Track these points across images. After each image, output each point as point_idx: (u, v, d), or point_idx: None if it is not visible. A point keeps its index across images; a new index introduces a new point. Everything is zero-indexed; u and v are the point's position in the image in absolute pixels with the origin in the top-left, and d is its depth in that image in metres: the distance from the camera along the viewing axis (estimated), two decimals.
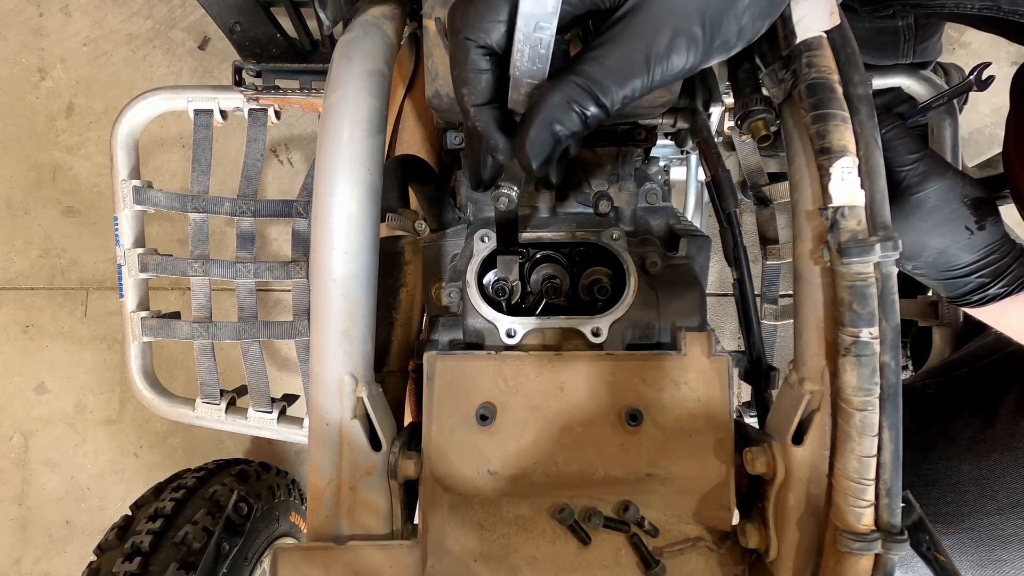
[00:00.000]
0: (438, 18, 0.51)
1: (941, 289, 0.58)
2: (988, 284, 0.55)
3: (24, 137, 1.39)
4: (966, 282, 0.55)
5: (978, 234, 0.53)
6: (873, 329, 0.37)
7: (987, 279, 0.54)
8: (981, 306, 0.56)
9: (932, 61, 0.94)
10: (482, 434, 0.44)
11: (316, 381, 0.43)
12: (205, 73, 1.39)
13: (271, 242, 1.39)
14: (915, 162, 0.51)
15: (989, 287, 0.55)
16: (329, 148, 0.43)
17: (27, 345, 1.39)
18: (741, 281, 0.58)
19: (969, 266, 0.54)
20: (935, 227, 0.53)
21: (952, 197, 0.52)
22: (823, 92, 0.38)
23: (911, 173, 0.51)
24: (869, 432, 0.37)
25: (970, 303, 0.57)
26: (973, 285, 0.55)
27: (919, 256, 0.55)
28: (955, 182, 0.52)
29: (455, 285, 0.52)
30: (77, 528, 1.38)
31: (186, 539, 0.82)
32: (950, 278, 0.55)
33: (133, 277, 0.88)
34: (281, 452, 1.37)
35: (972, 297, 0.56)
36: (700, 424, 0.44)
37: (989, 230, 0.53)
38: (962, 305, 0.58)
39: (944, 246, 0.53)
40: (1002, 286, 0.54)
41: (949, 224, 0.53)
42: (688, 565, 0.44)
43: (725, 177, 0.59)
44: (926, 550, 0.40)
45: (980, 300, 0.56)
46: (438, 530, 0.44)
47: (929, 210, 0.52)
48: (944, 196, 0.52)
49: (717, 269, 1.34)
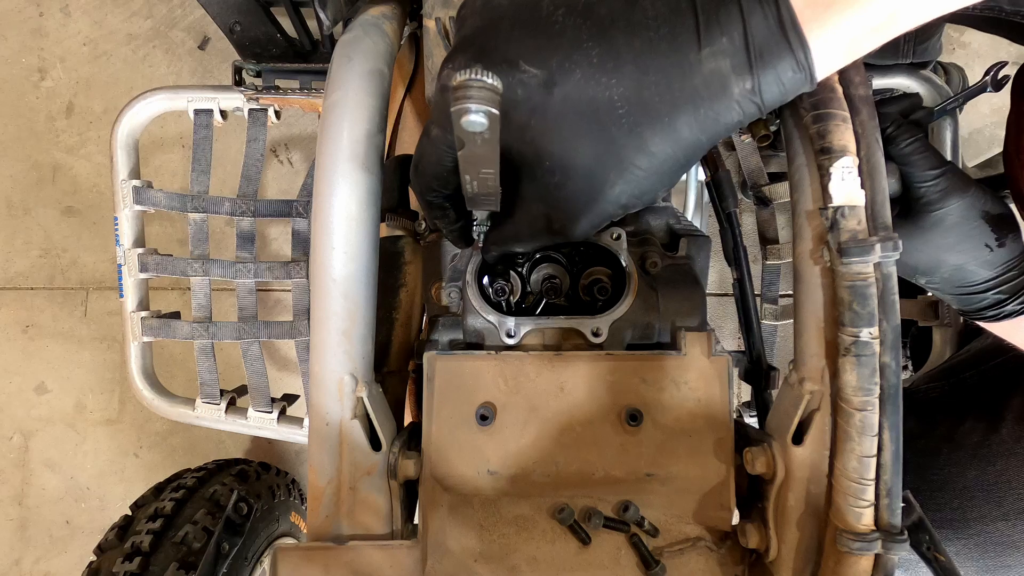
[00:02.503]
0: (438, 18, 0.51)
1: (955, 303, 0.56)
2: (1005, 301, 0.53)
3: (24, 137, 1.39)
4: (982, 298, 0.54)
5: (998, 251, 0.51)
6: (873, 329, 0.37)
7: (1005, 296, 0.53)
8: (996, 321, 0.55)
9: (932, 61, 0.94)
10: (482, 434, 0.44)
11: (316, 381, 0.43)
12: (205, 73, 1.39)
13: (271, 242, 1.39)
14: (936, 178, 0.49)
15: (1006, 303, 0.53)
16: (329, 148, 0.43)
17: (27, 345, 1.39)
18: (741, 281, 0.58)
19: (987, 283, 0.53)
20: (954, 244, 0.51)
21: (973, 215, 0.50)
22: (823, 92, 0.38)
23: (932, 189, 0.50)
24: (869, 432, 0.37)
25: (984, 318, 0.56)
26: (990, 301, 0.54)
27: (935, 272, 0.53)
28: (976, 199, 0.50)
29: (455, 285, 0.52)
30: (77, 528, 1.38)
31: (186, 539, 0.82)
32: (966, 294, 0.54)
33: (133, 277, 0.88)
34: (281, 452, 1.37)
35: (987, 313, 0.55)
36: (700, 424, 0.44)
37: (1009, 246, 0.52)
38: (976, 319, 0.57)
39: (962, 262, 0.52)
40: (1020, 303, 0.53)
41: (969, 241, 0.51)
42: (688, 565, 0.44)
43: (725, 177, 0.59)
44: (926, 550, 0.40)
45: (996, 316, 0.55)
46: (438, 530, 0.44)
47: (949, 227, 0.50)
48: (965, 214, 0.50)
49: (717, 269, 1.34)
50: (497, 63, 0.33)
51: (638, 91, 0.32)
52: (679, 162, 0.35)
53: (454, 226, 0.43)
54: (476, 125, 0.29)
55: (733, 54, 0.31)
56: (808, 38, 0.31)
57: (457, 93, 0.29)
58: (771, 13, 0.30)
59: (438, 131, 0.36)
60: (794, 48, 0.31)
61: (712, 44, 0.31)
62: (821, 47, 0.31)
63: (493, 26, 0.34)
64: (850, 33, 0.31)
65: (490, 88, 0.29)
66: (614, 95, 0.32)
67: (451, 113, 0.29)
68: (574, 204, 0.36)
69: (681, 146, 0.34)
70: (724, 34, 0.31)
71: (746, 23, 0.31)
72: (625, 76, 0.32)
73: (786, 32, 0.31)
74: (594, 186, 0.35)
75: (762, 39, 0.31)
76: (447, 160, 0.37)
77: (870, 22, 0.31)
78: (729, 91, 0.32)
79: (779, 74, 0.31)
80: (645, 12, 0.32)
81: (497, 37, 0.34)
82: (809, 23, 0.30)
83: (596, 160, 0.34)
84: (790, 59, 0.31)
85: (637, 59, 0.32)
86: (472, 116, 0.29)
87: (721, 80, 0.32)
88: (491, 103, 0.29)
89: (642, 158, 0.34)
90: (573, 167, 0.34)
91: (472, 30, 0.35)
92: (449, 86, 0.34)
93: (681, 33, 0.32)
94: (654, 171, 0.34)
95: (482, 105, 0.29)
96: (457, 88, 0.29)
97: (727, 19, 0.31)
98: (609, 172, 0.34)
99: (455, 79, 0.29)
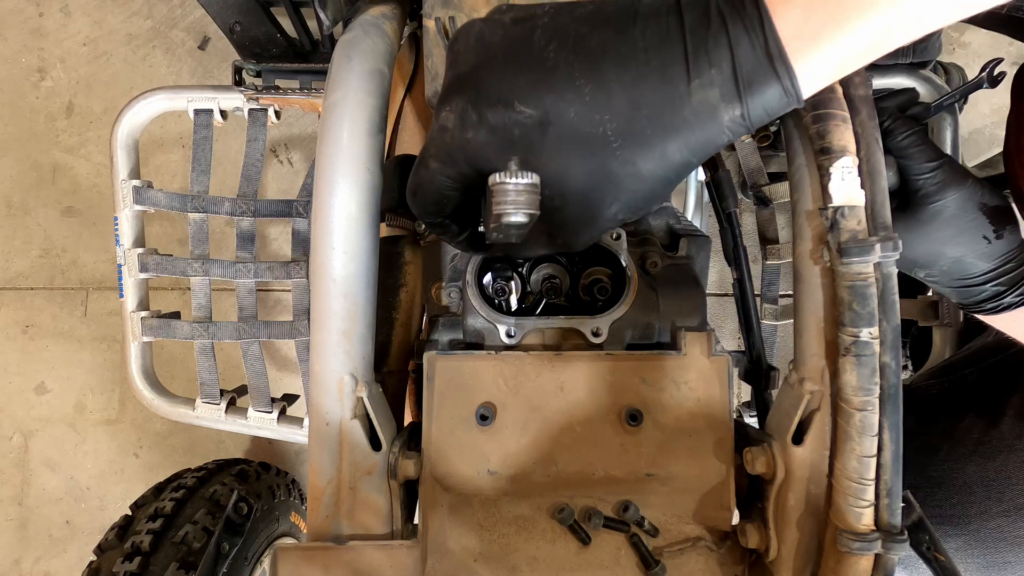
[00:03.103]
0: (438, 18, 0.51)
1: (954, 296, 0.57)
2: (1004, 293, 0.53)
3: (24, 137, 1.39)
4: (981, 290, 0.54)
5: (996, 243, 0.52)
6: (873, 329, 0.37)
7: (1003, 287, 0.53)
8: (995, 313, 0.55)
9: (932, 60, 0.94)
10: (482, 434, 0.44)
11: (316, 381, 0.43)
12: (205, 73, 1.39)
13: (271, 242, 1.39)
14: (933, 170, 0.50)
15: (1005, 295, 0.53)
16: (329, 148, 0.43)
17: (27, 345, 1.39)
18: (741, 281, 0.58)
19: (985, 275, 0.53)
20: (952, 237, 0.51)
21: (971, 207, 0.51)
22: (823, 92, 0.38)
23: (929, 182, 0.50)
24: (869, 432, 0.37)
25: (983, 311, 0.56)
26: (988, 293, 0.54)
27: (934, 265, 0.53)
28: (974, 191, 0.51)
29: (455, 285, 0.52)
30: (77, 528, 1.38)
31: (186, 539, 0.82)
32: (965, 286, 0.54)
33: (133, 277, 0.88)
34: (281, 452, 1.37)
35: (986, 305, 0.55)
36: (700, 424, 0.44)
37: (1007, 238, 0.52)
38: (975, 312, 0.57)
39: (960, 255, 0.52)
40: (1018, 295, 0.53)
41: (967, 234, 0.51)
42: (688, 565, 0.44)
43: (725, 177, 0.59)
44: (926, 550, 0.40)
45: (994, 308, 0.55)
46: (438, 530, 0.44)
47: (947, 220, 0.51)
48: (963, 206, 0.50)
49: (717, 269, 1.34)
50: (493, 104, 0.34)
51: (630, 124, 0.33)
52: (671, 180, 0.36)
53: (459, 239, 0.43)
54: (516, 224, 0.30)
55: (722, 84, 0.32)
56: (795, 66, 0.31)
57: (496, 196, 0.30)
58: (758, 43, 0.31)
59: (437, 165, 0.37)
60: (781, 77, 0.31)
61: (701, 76, 0.32)
62: (808, 72, 0.32)
63: (487, 64, 0.35)
64: (837, 57, 0.31)
65: (529, 190, 0.29)
66: (607, 130, 0.33)
67: (490, 211, 0.30)
68: (573, 224, 0.37)
69: (672, 168, 0.35)
70: (713, 66, 0.31)
71: (734, 54, 0.31)
72: (617, 111, 0.33)
73: (773, 62, 0.31)
74: (590, 207, 0.36)
75: (750, 69, 0.31)
76: (446, 189, 0.38)
77: (856, 48, 0.31)
78: (718, 119, 0.32)
79: (766, 100, 0.32)
80: (635, 43, 0.33)
81: (491, 75, 0.34)
82: (796, 52, 0.31)
83: (591, 186, 0.35)
84: (777, 87, 0.32)
85: (628, 93, 0.33)
86: (513, 218, 0.29)
87: (710, 109, 0.32)
88: (531, 205, 0.29)
89: (635, 182, 0.35)
90: (570, 194, 0.35)
91: (467, 68, 0.36)
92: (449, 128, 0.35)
93: (671, 65, 0.32)
94: (647, 190, 0.36)
95: (522, 208, 0.29)
96: (495, 191, 0.29)
97: (715, 50, 0.31)
98: (605, 195, 0.35)
99: (492, 180, 0.29)
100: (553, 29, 0.34)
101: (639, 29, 0.33)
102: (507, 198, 0.29)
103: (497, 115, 0.33)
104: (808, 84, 0.32)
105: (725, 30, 0.31)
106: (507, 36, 0.35)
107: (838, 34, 0.30)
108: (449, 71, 0.37)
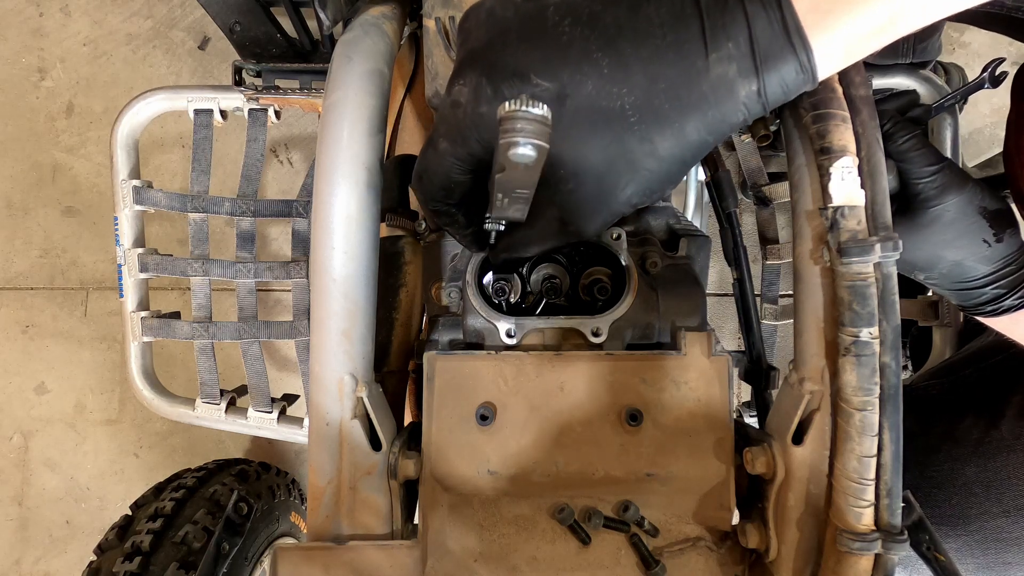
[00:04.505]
0: (438, 18, 0.51)
1: (954, 299, 0.57)
2: (1004, 295, 0.53)
3: (24, 137, 1.39)
4: (981, 293, 0.54)
5: (996, 246, 0.52)
6: (873, 329, 0.37)
7: (1003, 290, 0.53)
8: (995, 316, 0.55)
9: (932, 60, 0.94)
10: (482, 434, 0.44)
11: (316, 381, 0.43)
12: (205, 73, 1.39)
13: (271, 242, 1.39)
14: (933, 174, 0.50)
15: (1005, 298, 0.54)
16: (329, 148, 0.43)
17: (27, 345, 1.39)
18: (741, 281, 0.58)
19: (985, 277, 0.53)
20: (952, 240, 0.51)
21: (971, 210, 0.51)
22: (823, 92, 0.38)
23: (929, 186, 0.50)
24: (869, 432, 0.37)
25: (983, 313, 0.56)
26: (988, 296, 0.54)
27: (933, 268, 0.53)
28: (974, 194, 0.51)
29: (455, 285, 0.52)
30: (77, 528, 1.38)
31: (186, 539, 0.82)
32: (965, 289, 0.54)
33: (133, 277, 0.88)
34: (281, 452, 1.37)
35: (986, 308, 0.55)
36: (700, 424, 0.44)
37: (1007, 241, 0.52)
38: (975, 314, 0.57)
39: (960, 258, 0.52)
40: (1018, 297, 0.53)
41: (967, 237, 0.51)
42: (688, 565, 0.44)
43: (725, 177, 0.59)
44: (926, 550, 0.40)
45: (994, 311, 0.55)
46: (438, 530, 0.44)
47: (947, 223, 0.51)
48: (963, 209, 0.50)
49: (717, 269, 1.34)
50: (508, 77, 0.33)
51: (648, 99, 0.33)
52: (686, 161, 0.35)
53: (466, 231, 0.42)
54: (525, 157, 0.29)
55: (739, 59, 0.32)
56: (811, 41, 0.31)
57: (505, 125, 0.28)
58: (775, 17, 0.31)
59: (447, 145, 0.36)
60: (798, 51, 0.31)
61: (718, 50, 0.32)
62: (823, 49, 0.32)
63: (500, 39, 0.34)
64: (852, 36, 0.31)
65: (540, 120, 0.29)
66: (625, 104, 0.33)
67: (498, 145, 0.29)
68: (586, 207, 0.37)
69: (689, 147, 0.34)
70: (730, 39, 0.31)
71: (751, 28, 0.31)
72: (635, 85, 0.33)
73: (790, 36, 0.31)
74: (606, 189, 0.35)
75: (766, 43, 0.31)
76: (455, 172, 0.37)
77: (872, 25, 0.31)
78: (735, 94, 0.32)
79: (783, 76, 0.32)
80: (650, 20, 0.32)
81: (505, 50, 0.34)
82: (812, 27, 0.31)
83: (608, 165, 0.35)
84: (794, 62, 0.32)
85: (646, 68, 0.32)
86: (521, 149, 0.29)
87: (727, 84, 0.32)
88: (541, 136, 0.29)
89: (652, 161, 0.34)
90: (585, 173, 0.35)
91: (479, 43, 0.35)
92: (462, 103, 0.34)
93: (687, 40, 0.32)
94: (663, 171, 0.35)
95: (531, 139, 0.29)
96: (505, 119, 0.28)
97: (732, 24, 0.31)
98: (620, 175, 0.35)
99: (502, 109, 0.28)
100: (566, 6, 0.34)
101: (653, 7, 0.33)
102: (517, 125, 0.28)
103: (513, 88, 0.33)
104: (823, 62, 0.32)
105: (742, 4, 0.31)
106: (519, 12, 0.35)
107: (853, 8, 0.31)
108: (461, 49, 0.37)
